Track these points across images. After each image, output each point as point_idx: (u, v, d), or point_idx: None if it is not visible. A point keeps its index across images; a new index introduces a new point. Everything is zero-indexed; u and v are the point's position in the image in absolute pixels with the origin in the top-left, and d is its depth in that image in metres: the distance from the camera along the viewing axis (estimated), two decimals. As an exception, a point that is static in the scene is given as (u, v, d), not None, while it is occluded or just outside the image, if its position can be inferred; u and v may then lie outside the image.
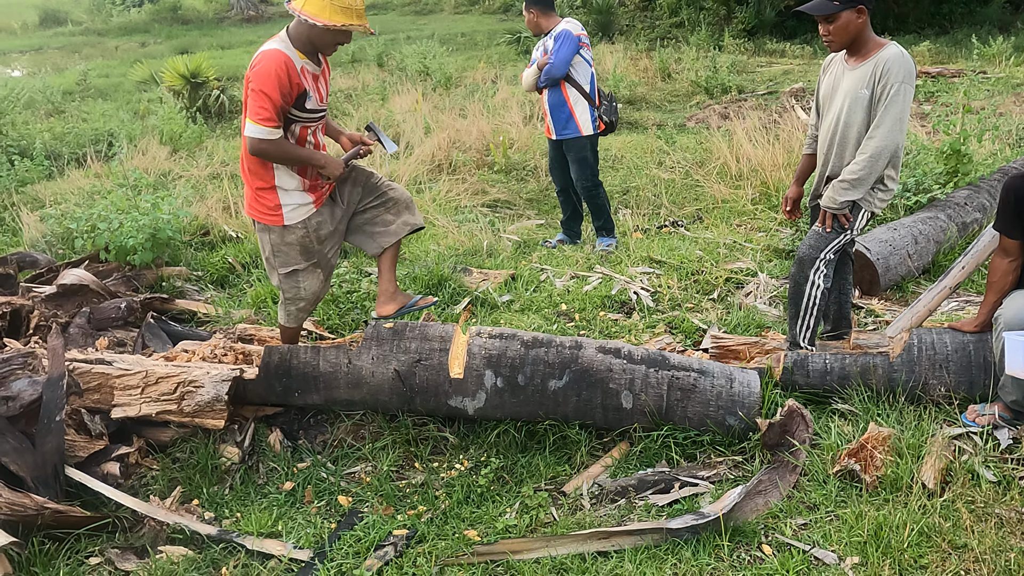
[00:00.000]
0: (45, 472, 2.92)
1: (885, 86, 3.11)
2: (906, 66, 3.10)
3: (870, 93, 3.17)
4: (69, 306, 4.17)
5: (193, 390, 3.32)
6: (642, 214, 6.30)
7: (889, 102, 3.11)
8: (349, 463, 3.40)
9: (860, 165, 3.19)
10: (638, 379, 3.29)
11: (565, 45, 4.97)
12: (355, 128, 9.23)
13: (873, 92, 3.16)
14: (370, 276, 4.90)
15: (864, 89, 3.18)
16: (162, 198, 5.16)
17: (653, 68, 12.26)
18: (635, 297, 4.60)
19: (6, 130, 8.63)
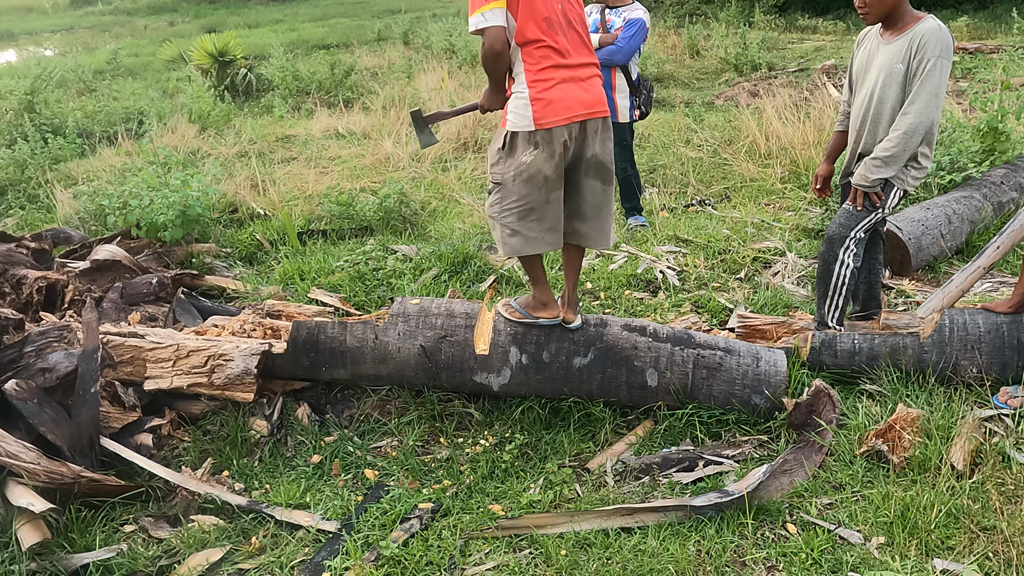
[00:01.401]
0: (81, 442, 2.99)
1: (921, 60, 3.03)
2: (944, 40, 3.02)
3: (905, 68, 3.09)
4: (102, 281, 4.25)
5: (223, 363, 3.37)
6: (669, 193, 6.25)
7: (925, 77, 3.04)
8: (375, 437, 3.44)
9: (893, 142, 3.12)
10: (663, 357, 3.28)
11: (638, 35, 4.87)
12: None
13: (908, 67, 3.09)
14: (396, 254, 4.93)
15: (899, 63, 3.10)
16: (191, 175, 5.22)
17: (681, 45, 12.10)
18: (661, 276, 4.57)
19: (40, 109, 8.76)
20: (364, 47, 14.65)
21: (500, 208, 2.95)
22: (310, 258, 4.96)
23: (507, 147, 2.84)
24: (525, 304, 3.32)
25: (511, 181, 2.87)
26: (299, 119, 9.58)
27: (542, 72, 2.75)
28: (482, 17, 2.69)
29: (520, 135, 2.79)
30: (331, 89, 10.68)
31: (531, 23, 2.75)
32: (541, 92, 2.75)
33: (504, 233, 2.97)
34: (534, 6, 2.74)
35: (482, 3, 2.68)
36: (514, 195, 2.89)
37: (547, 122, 2.75)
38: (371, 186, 6.52)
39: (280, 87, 10.84)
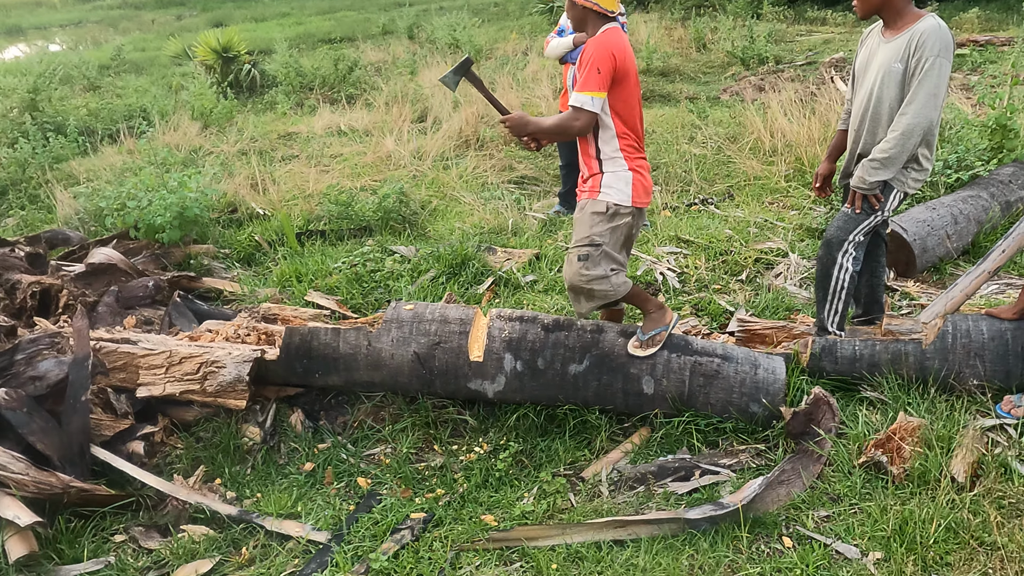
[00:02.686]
0: (71, 451, 2.97)
1: (920, 60, 2.96)
2: (943, 39, 2.94)
3: (903, 67, 3.02)
4: (98, 285, 4.24)
5: (215, 370, 3.35)
6: (671, 191, 6.18)
7: (923, 77, 2.96)
8: (369, 444, 3.41)
9: (891, 143, 3.06)
10: (660, 364, 3.23)
11: None
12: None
13: (907, 66, 3.02)
14: (394, 255, 4.89)
15: (898, 63, 3.03)
16: (190, 176, 5.19)
17: (688, 38, 11.98)
18: (661, 278, 4.52)
19: (42, 107, 8.76)
20: (369, 41, 14.59)
21: (605, 269, 3.10)
22: (308, 259, 4.94)
23: (609, 212, 3.08)
24: (654, 324, 3.26)
25: (609, 240, 3.10)
26: (302, 116, 9.55)
27: (636, 160, 3.10)
28: (590, 100, 2.93)
29: (621, 207, 3.07)
30: (334, 85, 10.64)
31: (635, 121, 3.09)
32: (637, 178, 3.08)
33: (614, 278, 3.12)
34: (634, 106, 3.08)
35: (593, 87, 2.92)
36: (617, 256, 3.14)
37: (640, 202, 3.12)
38: (372, 184, 6.48)
39: (283, 83, 10.81)
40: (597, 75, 2.90)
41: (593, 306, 3.24)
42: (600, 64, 2.90)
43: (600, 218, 3.08)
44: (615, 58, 2.92)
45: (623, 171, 3.06)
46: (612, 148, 3.06)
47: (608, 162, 3.08)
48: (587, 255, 3.11)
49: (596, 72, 2.90)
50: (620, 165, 3.06)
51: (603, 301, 3.20)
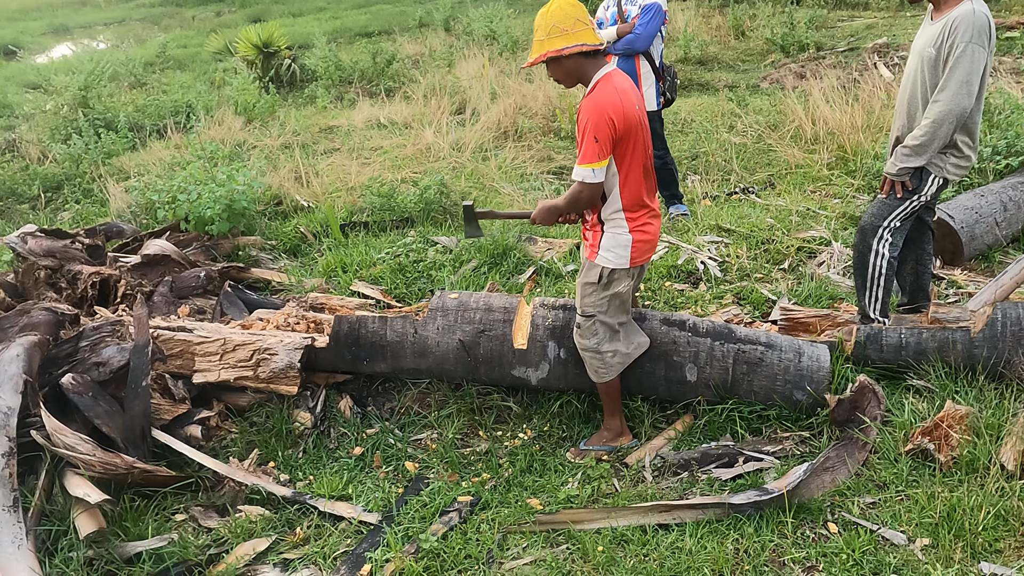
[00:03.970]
0: (133, 434, 3.10)
1: (952, 45, 2.92)
2: (977, 24, 2.89)
3: (936, 53, 2.99)
4: (153, 275, 4.38)
5: (268, 357, 3.46)
6: (711, 180, 6.15)
7: (955, 63, 2.93)
8: (416, 430, 3.49)
9: (923, 130, 3.03)
10: (703, 352, 3.25)
11: (655, 19, 4.84)
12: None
13: (940, 52, 2.98)
14: (436, 245, 4.96)
15: (932, 47, 3.00)
16: (237, 169, 5.32)
17: (726, 26, 11.83)
18: (702, 267, 4.52)
19: (93, 104, 9.01)
20: (406, 34, 14.68)
21: (601, 339, 3.09)
22: (352, 250, 5.03)
23: (603, 281, 3.01)
24: (601, 440, 3.27)
25: (606, 311, 3.06)
26: (341, 109, 9.67)
27: (639, 219, 2.97)
28: (591, 172, 2.81)
29: (617, 271, 2.99)
30: (373, 78, 10.76)
31: (639, 175, 2.91)
32: (639, 238, 2.97)
33: (608, 357, 3.11)
34: (638, 158, 2.89)
35: (592, 159, 2.78)
36: (612, 322, 3.09)
37: (640, 260, 3.02)
38: (412, 176, 6.56)
39: (323, 77, 10.95)
40: (595, 144, 2.75)
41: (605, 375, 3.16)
42: (597, 132, 2.74)
43: (593, 288, 3.03)
44: (612, 121, 2.74)
45: (623, 234, 2.93)
46: (615, 207, 2.92)
47: (609, 221, 2.95)
48: (579, 323, 3.12)
49: (594, 141, 2.75)
50: (621, 227, 2.93)
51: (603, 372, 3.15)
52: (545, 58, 2.82)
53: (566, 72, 2.86)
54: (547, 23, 2.79)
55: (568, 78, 2.89)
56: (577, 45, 2.77)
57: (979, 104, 3.07)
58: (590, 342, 3.10)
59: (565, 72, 2.87)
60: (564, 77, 2.90)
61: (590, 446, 3.25)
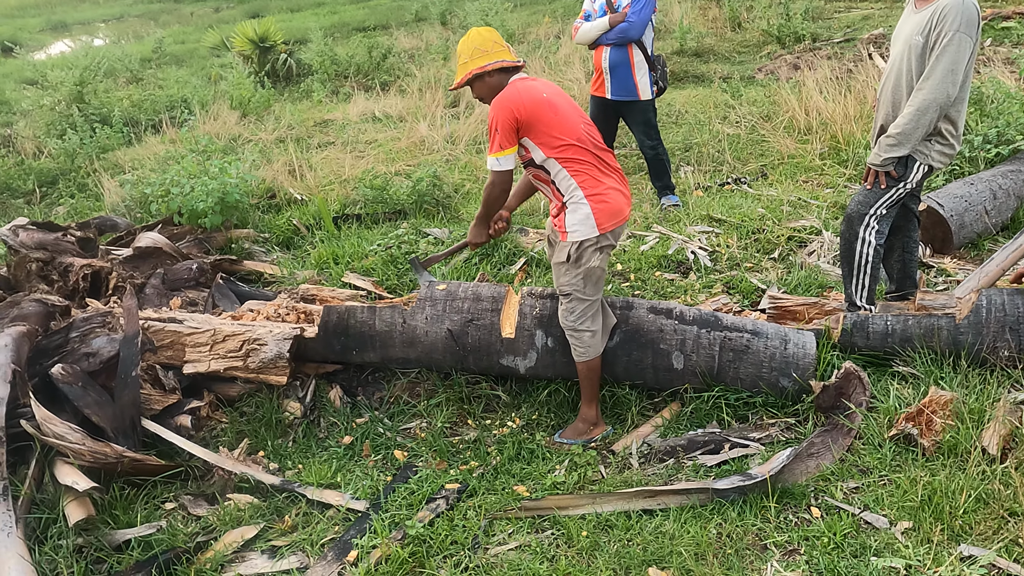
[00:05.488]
0: (123, 423, 3.13)
1: (940, 34, 2.93)
2: (965, 13, 2.90)
3: (924, 40, 2.99)
4: (145, 268, 4.40)
5: (257, 347, 3.47)
6: (704, 171, 6.16)
7: (942, 52, 2.93)
8: (405, 419, 3.51)
9: (906, 119, 3.04)
10: (689, 340, 3.27)
11: (647, 7, 4.86)
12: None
13: (927, 40, 2.98)
14: (428, 237, 4.98)
15: (919, 35, 3.00)
16: (230, 163, 5.34)
17: (723, 17, 11.80)
18: (692, 257, 4.53)
19: (88, 99, 9.02)
20: (402, 28, 14.67)
21: (578, 316, 3.13)
22: (344, 242, 5.05)
23: (573, 258, 3.07)
24: (576, 434, 3.28)
25: (582, 288, 3.10)
26: (337, 103, 9.68)
27: (596, 187, 3.03)
28: (496, 161, 3.03)
29: (586, 243, 3.04)
30: (369, 72, 10.76)
31: (579, 149, 3.03)
32: (599, 201, 3.02)
33: (586, 337, 3.14)
34: (571, 133, 3.02)
35: (496, 148, 3.00)
36: (588, 300, 3.13)
37: (608, 225, 3.04)
38: (406, 169, 6.57)
39: (319, 72, 10.95)
40: (496, 135, 2.98)
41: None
42: (498, 124, 2.96)
43: (565, 267, 3.10)
44: (511, 110, 2.94)
45: (582, 205, 3.02)
46: (567, 183, 3.05)
47: (568, 196, 3.06)
48: (560, 303, 3.20)
49: (496, 132, 2.98)
50: (577, 198, 3.03)
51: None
52: (471, 76, 3.06)
53: (489, 88, 3.08)
54: (469, 47, 3.07)
55: (491, 93, 3.08)
56: (497, 62, 3.03)
57: (964, 93, 3.07)
58: (568, 321, 3.17)
59: (488, 87, 3.08)
60: (487, 93, 3.09)
61: (564, 438, 3.28)
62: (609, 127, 5.35)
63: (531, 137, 3.01)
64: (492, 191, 3.17)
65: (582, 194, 3.03)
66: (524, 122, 2.97)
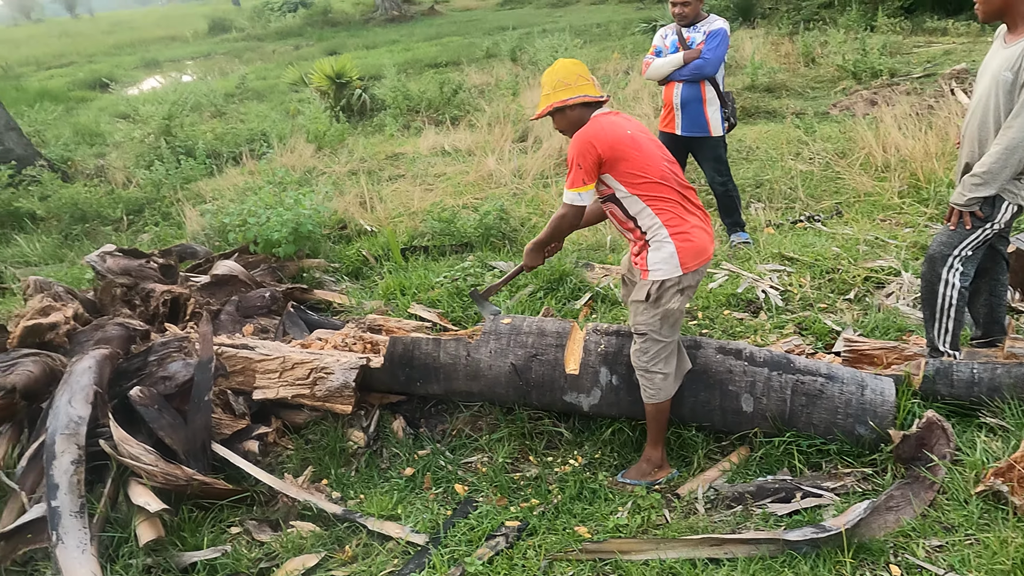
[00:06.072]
0: (194, 446, 3.20)
1: None
2: None
3: (1013, 76, 2.86)
4: (221, 294, 4.55)
5: (324, 376, 3.53)
6: (775, 208, 6.03)
7: None
8: (466, 453, 3.50)
9: (993, 157, 2.90)
10: (759, 382, 3.17)
11: (723, 44, 4.84)
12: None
13: (1018, 76, 2.85)
14: (493, 270, 5.00)
15: (1008, 71, 2.87)
16: (304, 195, 5.50)
17: (796, 53, 11.64)
18: (763, 296, 4.42)
19: (175, 132, 9.47)
20: (473, 65, 14.97)
21: (651, 357, 3.07)
22: (412, 274, 5.12)
23: (652, 297, 3.00)
24: (640, 474, 3.21)
25: (659, 329, 3.02)
26: (408, 137, 9.90)
27: (680, 226, 2.97)
28: (577, 196, 3.00)
29: (668, 283, 2.97)
30: (439, 107, 10.98)
31: (663, 188, 2.98)
32: (684, 239, 2.96)
33: (658, 379, 3.08)
34: (655, 172, 2.98)
35: (578, 183, 2.97)
36: (664, 341, 3.05)
37: (692, 264, 2.97)
38: (473, 202, 6.65)
39: (392, 106, 11.25)
40: (579, 170, 2.95)
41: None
42: (579, 159, 2.93)
43: (643, 306, 3.02)
44: (595, 146, 2.91)
45: (666, 243, 2.96)
46: (650, 221, 2.99)
47: (651, 234, 3.00)
48: (634, 342, 3.12)
49: (577, 168, 2.95)
50: (661, 236, 2.97)
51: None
52: (551, 109, 3.06)
53: (569, 122, 3.08)
54: (553, 79, 3.06)
55: (571, 127, 3.07)
56: (579, 96, 3.02)
57: None
58: (640, 360, 3.09)
59: (569, 122, 3.08)
60: (568, 127, 3.10)
61: (627, 479, 3.20)
62: (679, 163, 5.30)
63: (613, 173, 2.97)
64: (562, 223, 3.14)
65: (666, 232, 2.97)
66: (606, 158, 2.94)
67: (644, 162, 2.97)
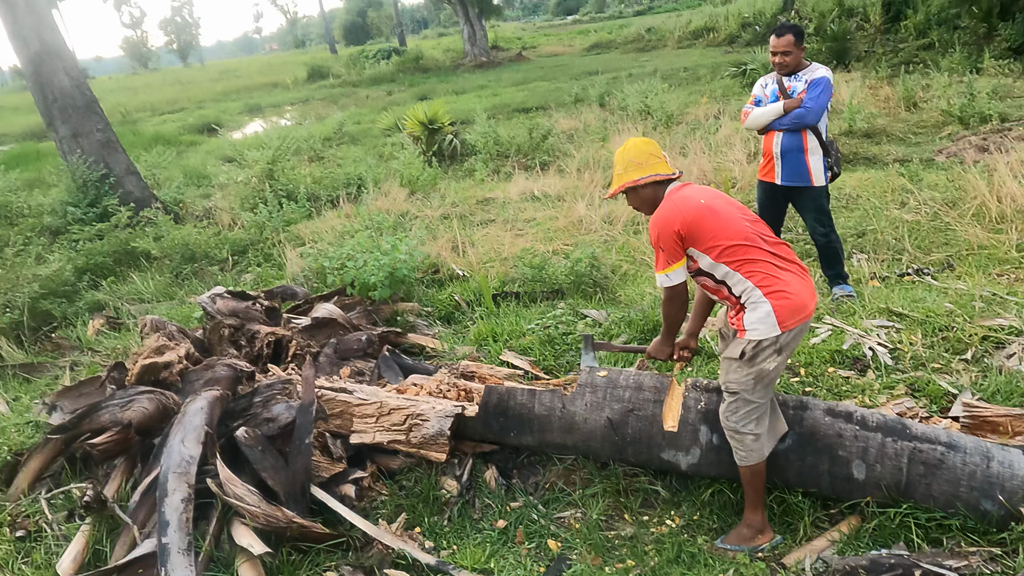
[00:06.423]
0: (295, 489, 3.27)
1: None
2: None
3: None
4: (320, 337, 4.68)
5: (420, 423, 3.56)
6: (880, 260, 5.78)
7: None
8: (559, 507, 3.44)
9: None
10: (872, 448, 3.00)
11: (825, 93, 4.74)
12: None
13: None
14: (585, 318, 4.97)
15: None
16: (400, 240, 5.64)
17: (895, 97, 11.29)
18: (870, 353, 4.21)
19: (278, 176, 9.93)
20: (561, 110, 15.16)
21: (741, 417, 3.00)
22: (503, 320, 5.14)
23: (747, 356, 2.92)
24: (740, 540, 3.09)
25: (751, 389, 2.95)
26: (498, 182, 10.06)
27: (774, 284, 2.89)
28: (667, 277, 3.01)
29: (764, 343, 2.89)
30: (529, 152, 11.14)
31: (750, 249, 2.92)
32: (780, 297, 2.87)
33: (749, 440, 3.00)
34: (738, 233, 2.92)
35: (664, 264, 2.99)
36: (755, 403, 2.98)
37: (791, 322, 2.88)
38: (563, 248, 6.66)
39: (482, 151, 11.49)
40: (661, 252, 2.96)
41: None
42: (660, 242, 2.95)
43: (736, 364, 2.95)
44: (672, 224, 2.91)
45: (761, 303, 2.88)
46: (741, 285, 2.93)
47: (745, 297, 2.93)
48: (724, 400, 3.04)
49: (660, 250, 2.97)
50: (756, 297, 2.90)
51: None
52: (623, 189, 3.10)
53: (642, 200, 3.10)
54: (624, 158, 3.10)
55: (644, 205, 3.12)
56: (651, 176, 3.04)
57: None
58: (730, 421, 3.00)
59: (641, 200, 3.11)
60: (641, 204, 3.13)
61: (727, 544, 3.07)
62: (777, 213, 5.17)
63: (696, 246, 2.95)
64: (671, 307, 3.12)
65: (760, 293, 2.89)
66: (686, 234, 2.92)
67: (724, 228, 2.93)
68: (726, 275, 2.95)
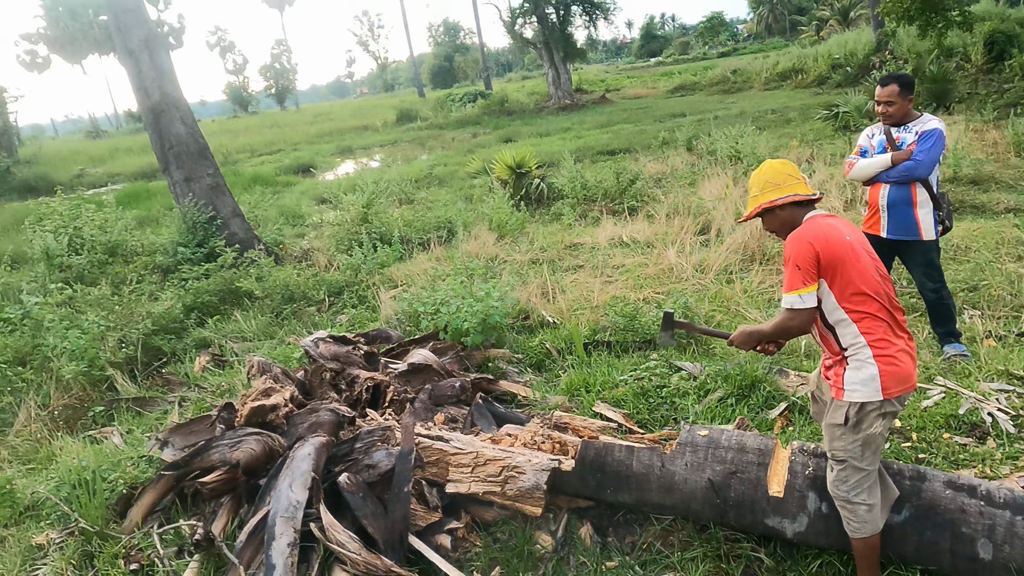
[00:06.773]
0: (393, 537, 3.32)
1: None
2: None
3: None
4: (415, 382, 4.76)
5: (516, 475, 3.55)
6: (996, 317, 5.47)
7: None
8: (657, 569, 3.36)
9: None
10: (1000, 526, 2.82)
11: (937, 145, 4.58)
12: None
13: None
14: (680, 371, 4.88)
15: None
16: (493, 286, 5.71)
17: (1004, 141, 10.77)
18: (989, 419, 3.97)
19: (371, 219, 10.26)
20: (647, 153, 15.13)
21: (852, 486, 2.89)
22: (595, 369, 5.11)
23: (852, 422, 2.84)
24: None
25: (859, 456, 2.86)
26: (585, 226, 10.09)
27: (885, 347, 2.81)
28: (798, 299, 2.85)
29: (868, 406, 2.81)
30: (616, 197, 11.15)
31: (874, 302, 2.83)
32: (889, 363, 2.79)
33: (862, 511, 2.90)
34: (868, 285, 2.82)
35: (798, 284, 2.83)
36: (866, 470, 2.88)
37: (895, 391, 2.79)
38: (654, 297, 6.60)
39: (569, 195, 11.56)
40: (797, 271, 2.81)
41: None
42: (798, 260, 2.81)
43: (840, 431, 2.84)
44: (813, 246, 2.80)
45: (868, 364, 2.78)
46: (852, 336, 2.82)
47: (850, 351, 2.83)
48: (831, 468, 2.92)
49: (796, 269, 2.82)
50: (864, 356, 2.79)
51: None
52: (760, 210, 3.02)
53: (780, 222, 3.02)
54: (761, 180, 3.04)
55: (782, 228, 3.02)
56: (789, 196, 2.95)
57: None
58: (840, 491, 2.88)
59: (779, 222, 3.02)
60: (779, 227, 3.04)
61: None
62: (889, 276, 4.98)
63: (828, 280, 2.83)
64: (790, 325, 2.91)
65: (870, 353, 2.79)
66: (824, 262, 2.81)
67: (861, 273, 2.82)
68: (840, 322, 2.85)
